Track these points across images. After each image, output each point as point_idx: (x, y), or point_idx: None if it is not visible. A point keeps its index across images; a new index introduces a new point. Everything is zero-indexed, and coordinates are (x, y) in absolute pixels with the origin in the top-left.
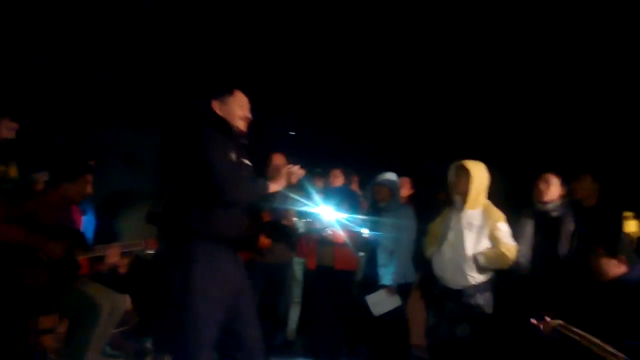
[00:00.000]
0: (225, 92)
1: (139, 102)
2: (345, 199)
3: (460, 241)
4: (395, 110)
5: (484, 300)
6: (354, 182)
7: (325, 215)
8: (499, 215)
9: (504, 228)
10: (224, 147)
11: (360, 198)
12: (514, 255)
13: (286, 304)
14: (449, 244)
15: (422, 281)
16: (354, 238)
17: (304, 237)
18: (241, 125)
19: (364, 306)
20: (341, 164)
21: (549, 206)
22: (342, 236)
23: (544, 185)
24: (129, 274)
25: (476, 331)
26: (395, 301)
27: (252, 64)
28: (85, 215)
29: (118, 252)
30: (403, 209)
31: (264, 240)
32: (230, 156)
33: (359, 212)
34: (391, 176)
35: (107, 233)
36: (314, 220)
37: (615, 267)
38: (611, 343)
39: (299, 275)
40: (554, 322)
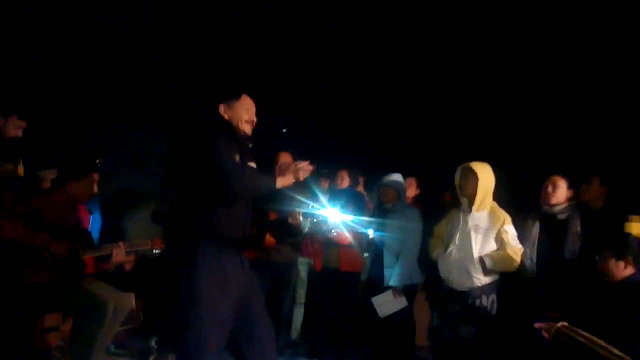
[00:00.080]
0: (232, 96)
1: (145, 101)
2: (351, 200)
3: (467, 243)
4: (400, 111)
5: (489, 302)
6: (361, 183)
7: (331, 217)
8: (505, 217)
9: (511, 231)
10: (227, 147)
11: (366, 199)
12: (521, 258)
13: (290, 305)
14: (456, 246)
15: (427, 283)
16: (360, 239)
17: (309, 237)
18: (247, 128)
19: (368, 307)
20: (347, 164)
21: (556, 209)
22: (347, 238)
23: (551, 188)
24: (134, 273)
25: (481, 333)
26: (401, 303)
27: (255, 65)
28: (92, 215)
29: (124, 252)
30: (410, 210)
31: (269, 240)
32: (234, 157)
33: (364, 213)
34: (397, 177)
35: (114, 232)
36: (320, 221)
37: (622, 269)
38: (617, 345)
39: (304, 276)
40: (559, 324)
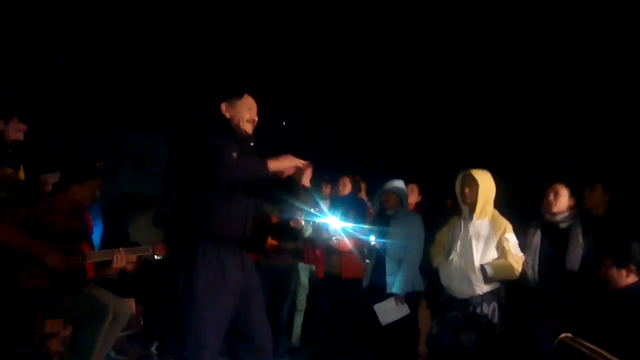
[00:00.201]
0: (234, 95)
1: (147, 104)
2: (352, 207)
3: (468, 251)
4: (402, 118)
5: (490, 309)
6: (362, 189)
7: (332, 223)
8: (506, 225)
9: (511, 239)
10: (224, 143)
11: (368, 205)
12: (522, 266)
13: (291, 310)
14: (457, 253)
15: (428, 290)
16: (360, 246)
17: (310, 243)
18: (248, 127)
19: (369, 313)
20: (348, 171)
21: (558, 217)
22: (348, 245)
23: (553, 196)
24: (135, 278)
25: (481, 341)
26: (403, 310)
27: (257, 69)
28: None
29: (125, 257)
30: (412, 217)
31: (271, 242)
32: (230, 150)
33: (365, 220)
34: (399, 184)
35: (115, 237)
36: (321, 227)
37: (624, 277)
38: (619, 355)
39: (305, 282)
40: (562, 335)
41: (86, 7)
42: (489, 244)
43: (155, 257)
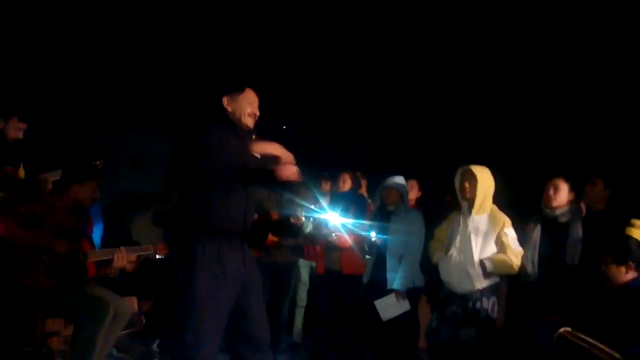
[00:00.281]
0: (236, 89)
1: (147, 103)
2: (352, 203)
3: (467, 246)
4: (402, 114)
5: (489, 304)
6: (363, 185)
7: (332, 220)
8: (505, 220)
9: (510, 233)
10: (222, 137)
11: (368, 202)
12: (521, 261)
13: (291, 307)
14: (456, 249)
15: (428, 286)
16: (360, 242)
17: (310, 239)
18: (249, 121)
19: (369, 309)
20: (348, 167)
21: (557, 212)
22: (348, 241)
23: (552, 191)
24: (137, 277)
25: (481, 335)
26: (404, 306)
27: (256, 66)
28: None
29: (125, 256)
30: (412, 212)
31: (271, 238)
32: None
33: (365, 216)
34: (400, 180)
35: (116, 236)
36: (321, 223)
37: (624, 274)
38: (618, 349)
39: (305, 278)
40: (561, 330)
41: (86, 6)
42: (488, 239)
43: (157, 256)
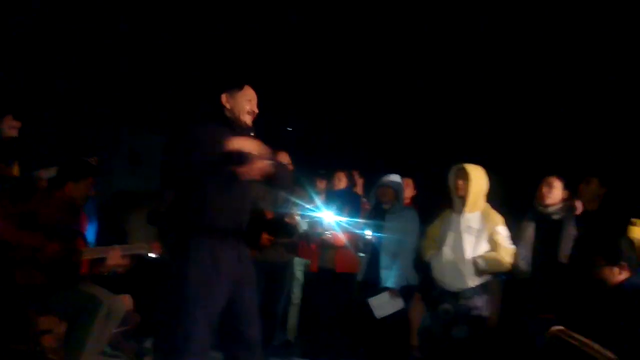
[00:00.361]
0: (234, 86)
1: (143, 102)
2: (347, 201)
3: (460, 244)
4: (397, 113)
5: (481, 302)
6: (358, 184)
7: (327, 218)
8: (498, 218)
9: (503, 232)
10: (213, 136)
11: (363, 200)
12: (513, 259)
13: (285, 304)
14: (448, 247)
15: (422, 284)
16: (355, 240)
17: (305, 237)
18: (248, 119)
19: (364, 307)
20: (344, 166)
21: (551, 209)
22: (342, 239)
23: (546, 189)
24: (131, 274)
25: (473, 333)
26: (398, 304)
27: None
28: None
29: (119, 254)
30: (407, 211)
31: (265, 238)
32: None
33: (360, 214)
34: (396, 178)
35: (110, 234)
36: (315, 222)
37: (617, 274)
38: (611, 348)
39: (300, 276)
40: (554, 328)
41: (82, 5)
42: (480, 237)
43: (151, 254)
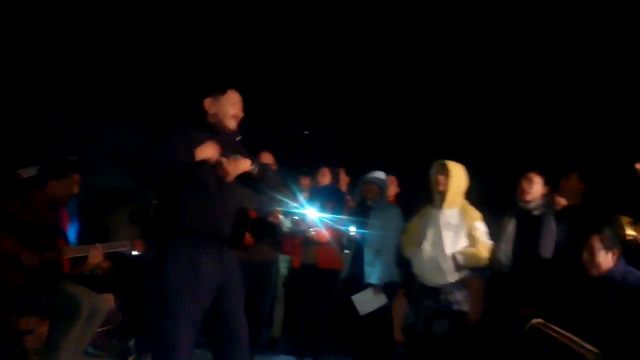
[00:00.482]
0: (218, 90)
1: (125, 99)
2: (331, 197)
3: (439, 240)
4: (382, 111)
5: (461, 296)
6: (344, 182)
7: (310, 215)
8: (476, 214)
9: (481, 227)
10: (183, 139)
11: (347, 196)
12: (491, 254)
13: (271, 302)
14: (429, 242)
15: (405, 280)
16: (339, 237)
17: (289, 235)
18: (232, 123)
19: (348, 304)
20: (329, 163)
21: (531, 205)
22: (325, 236)
23: (526, 184)
24: (113, 273)
25: (454, 327)
26: (381, 300)
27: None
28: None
29: (101, 253)
30: (391, 208)
31: (249, 238)
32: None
33: (344, 211)
34: (380, 175)
35: (91, 233)
36: (299, 218)
37: (609, 260)
38: (590, 340)
39: (284, 272)
40: (533, 321)
41: (67, 3)
42: (459, 232)
43: (133, 252)
